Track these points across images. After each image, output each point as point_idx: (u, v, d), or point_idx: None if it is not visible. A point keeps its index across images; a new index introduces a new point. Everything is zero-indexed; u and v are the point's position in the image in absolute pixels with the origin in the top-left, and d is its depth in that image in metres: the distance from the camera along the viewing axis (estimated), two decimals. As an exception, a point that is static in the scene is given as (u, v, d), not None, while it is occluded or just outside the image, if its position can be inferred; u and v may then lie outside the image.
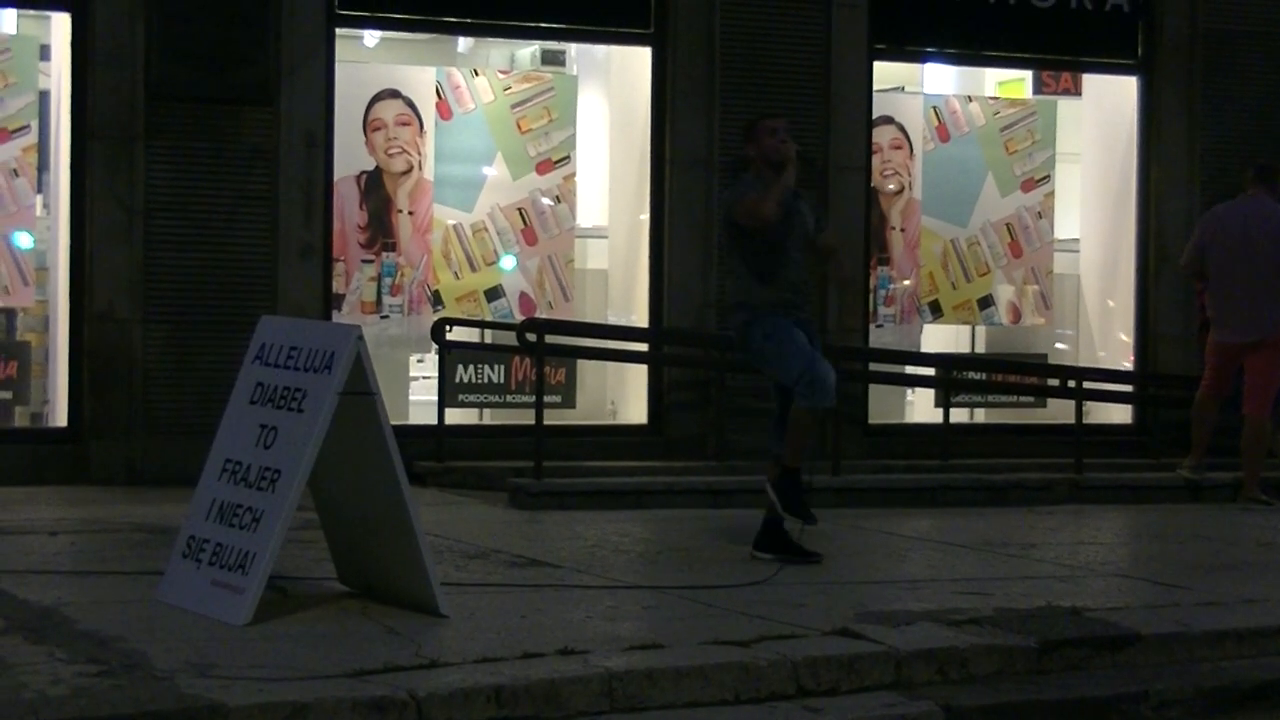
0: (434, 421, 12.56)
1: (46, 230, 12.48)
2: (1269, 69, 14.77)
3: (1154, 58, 14.63)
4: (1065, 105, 15.23)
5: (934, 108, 14.42)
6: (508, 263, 13.26)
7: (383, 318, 12.94)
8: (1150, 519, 11.96)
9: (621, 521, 10.78)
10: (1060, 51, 14.77)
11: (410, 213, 12.99)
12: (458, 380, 13.08)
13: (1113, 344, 14.94)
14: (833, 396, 9.07)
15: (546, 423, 11.99)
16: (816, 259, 9.61)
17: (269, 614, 7.09)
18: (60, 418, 12.16)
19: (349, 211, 12.79)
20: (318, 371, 7.25)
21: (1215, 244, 12.65)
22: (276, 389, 7.38)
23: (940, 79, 15.13)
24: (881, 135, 14.09)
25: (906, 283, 14.26)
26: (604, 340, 13.00)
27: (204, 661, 6.30)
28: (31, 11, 12.62)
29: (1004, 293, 14.60)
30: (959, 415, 14.11)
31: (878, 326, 14.07)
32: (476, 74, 13.36)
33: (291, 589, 7.70)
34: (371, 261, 12.88)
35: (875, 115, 13.95)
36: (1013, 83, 15.72)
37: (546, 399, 12.17)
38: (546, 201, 13.34)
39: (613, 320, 13.74)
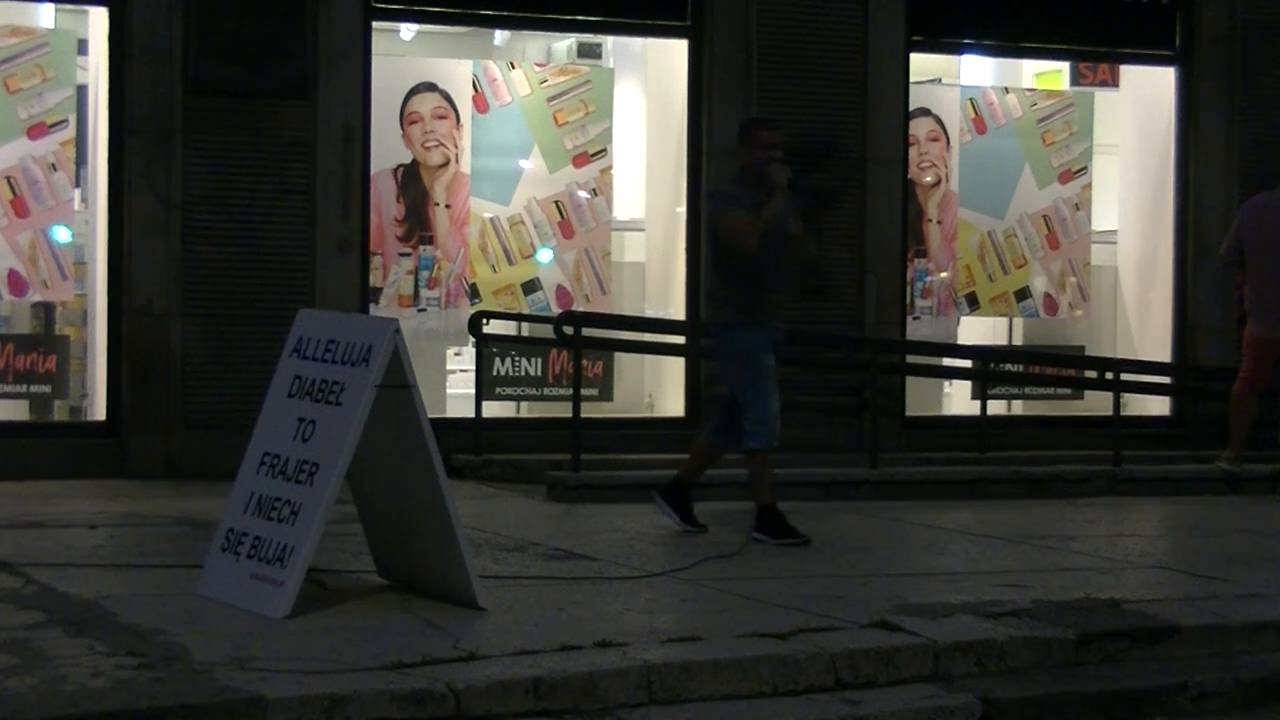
0: (472, 414, 12.55)
1: (85, 225, 12.53)
2: (1307, 60, 14.70)
3: (1192, 49, 14.57)
4: (1103, 97, 15.17)
5: (971, 99, 14.38)
6: (545, 256, 13.26)
7: (420, 311, 12.95)
8: (1189, 511, 11.93)
9: (659, 514, 10.76)
10: (1098, 43, 14.71)
11: (447, 206, 13.00)
12: (495, 373, 13.09)
13: (1151, 336, 14.88)
14: (773, 440, 9.63)
15: (584, 416, 11.99)
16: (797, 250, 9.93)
17: (308, 607, 7.11)
18: (99, 412, 12.21)
19: (386, 205, 12.81)
20: (355, 365, 7.26)
21: (1253, 236, 12.57)
22: (314, 382, 7.40)
23: (977, 71, 15.09)
24: (918, 128, 14.06)
25: (944, 275, 14.22)
26: (641, 333, 13.00)
27: (243, 654, 6.32)
28: (69, 6, 12.66)
29: (1041, 285, 14.55)
30: (996, 407, 14.07)
31: (915, 319, 14.03)
32: (513, 67, 13.37)
33: (330, 582, 7.72)
34: (409, 255, 12.90)
35: (912, 107, 13.91)
36: (1050, 74, 15.66)
37: (584, 392, 12.16)
38: (583, 194, 13.34)
39: (650, 313, 13.73)
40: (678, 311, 13.46)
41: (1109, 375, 13.63)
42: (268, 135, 12.19)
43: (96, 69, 12.35)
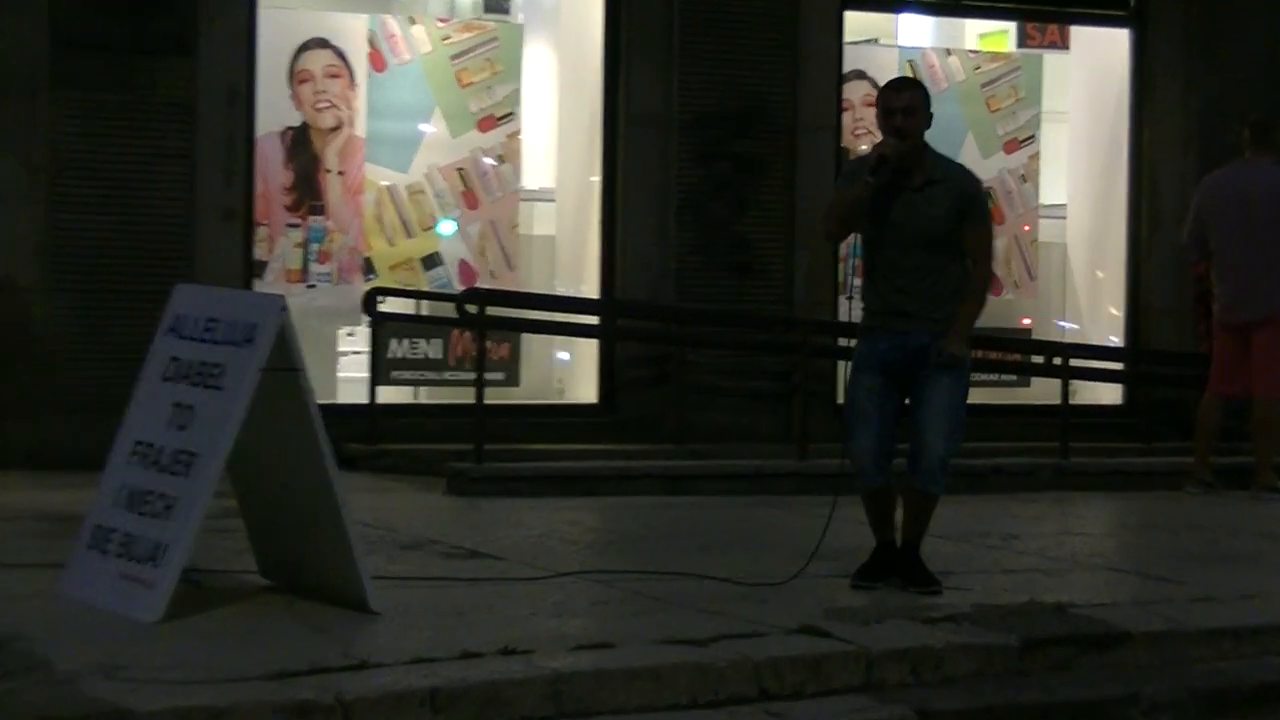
0: (365, 400, 12.55)
1: (-60, 190, 12.39)
2: (1271, 21, 14.79)
3: (1147, 8, 14.66)
4: (1052, 60, 15.23)
5: (910, 62, 14.41)
6: (446, 228, 13.22)
7: (309, 287, 12.90)
8: (1141, 507, 12.02)
9: (570, 509, 10.79)
10: (1046, 1, 14.78)
11: (340, 173, 12.94)
12: (391, 356, 13.04)
13: (1102, 318, 14.97)
14: (861, 478, 8.45)
15: (488, 402, 11.98)
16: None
17: (183, 610, 7.05)
18: (-46, 396, 12.09)
19: (273, 171, 12.74)
20: (238, 345, 7.22)
21: (1214, 215, 12.58)
22: (192, 364, 7.35)
23: (917, 30, 15.13)
24: (853, 91, 14.09)
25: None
26: (551, 312, 12.98)
27: (111, 662, 6.25)
28: (-75, -49, 12.53)
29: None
30: (936, 395, 14.11)
31: (848, 298, 13.87)
32: (413, 22, 13.31)
33: (208, 582, 7.67)
34: (297, 226, 12.84)
35: (846, 70, 13.96)
36: (995, 35, 15.72)
37: (488, 376, 12.15)
38: (489, 161, 13.31)
39: (561, 291, 13.72)
40: (591, 289, 13.46)
41: (1057, 360, 13.70)
42: (143, 94, 12.11)
43: (-46, 20, 12.21)
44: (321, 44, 12.95)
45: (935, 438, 8.40)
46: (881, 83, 13.87)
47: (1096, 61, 15.02)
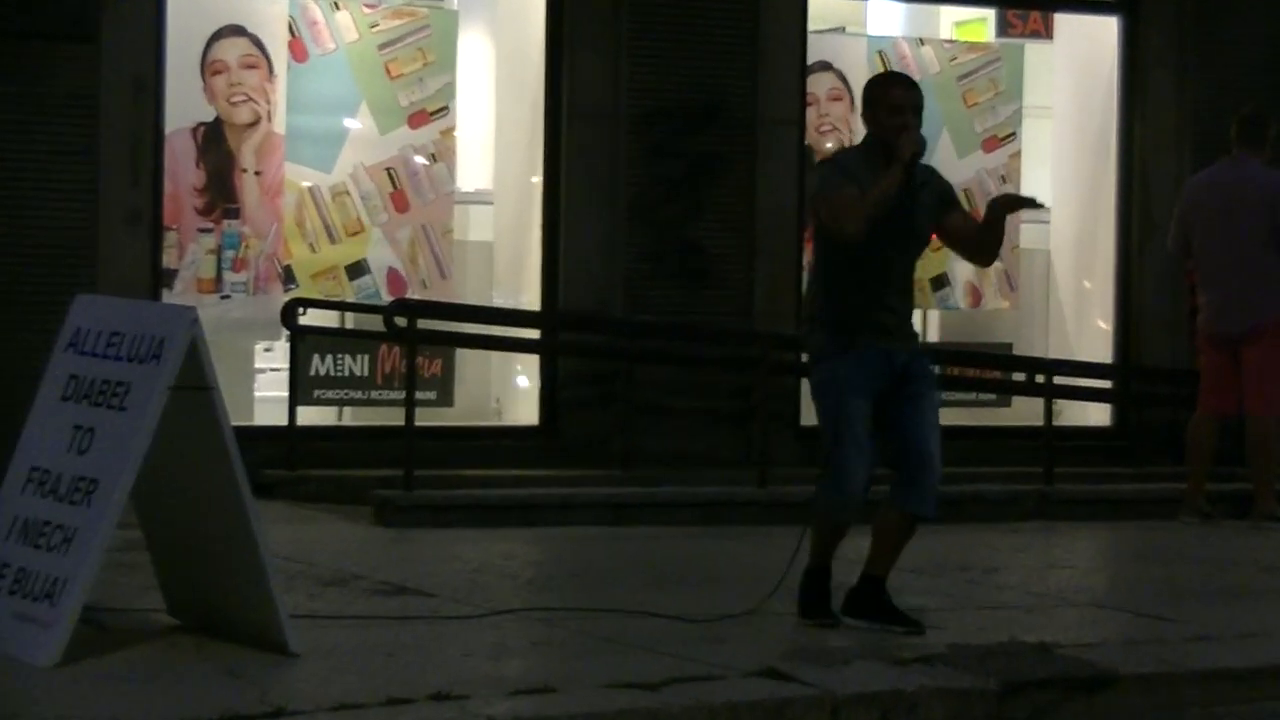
0: (284, 422, 12.51)
1: None
2: (1270, 10, 14.86)
3: (1139, -6, 14.75)
4: (1034, 50, 15.28)
5: (880, 52, 14.45)
6: (374, 233, 13.20)
7: (223, 298, 12.85)
8: (1131, 537, 12.07)
9: (508, 541, 10.80)
10: (1028, -14, 14.90)
11: (257, 173, 12.91)
12: (313, 373, 13.02)
13: (1089, 331, 15.02)
14: (851, 508, 8.57)
15: (419, 423, 11.97)
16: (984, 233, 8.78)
17: (83, 652, 7.03)
18: None
19: (184, 171, 12.70)
20: (144, 362, 7.22)
21: (1197, 218, 12.64)
22: (94, 382, 7.35)
23: (887, 18, 15.17)
24: (818, 84, 14.12)
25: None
26: (488, 325, 12.97)
27: (2, 711, 6.23)
28: None
29: (962, 271, 14.63)
30: (909, 415, 14.14)
31: (813, 310, 14.08)
32: (337, 7, 13.29)
33: (111, 622, 7.65)
34: (210, 231, 12.80)
35: (811, 61, 13.97)
36: (973, 23, 15.78)
37: (419, 395, 12.14)
38: (420, 160, 13.29)
39: (499, 302, 13.72)
40: (532, 300, 13.45)
41: (1040, 378, 13.73)
42: (39, 85, 12.05)
43: None
44: (237, 31, 12.91)
45: (935, 456, 8.61)
46: (849, 75, 14.11)
47: (1083, 52, 15.07)
